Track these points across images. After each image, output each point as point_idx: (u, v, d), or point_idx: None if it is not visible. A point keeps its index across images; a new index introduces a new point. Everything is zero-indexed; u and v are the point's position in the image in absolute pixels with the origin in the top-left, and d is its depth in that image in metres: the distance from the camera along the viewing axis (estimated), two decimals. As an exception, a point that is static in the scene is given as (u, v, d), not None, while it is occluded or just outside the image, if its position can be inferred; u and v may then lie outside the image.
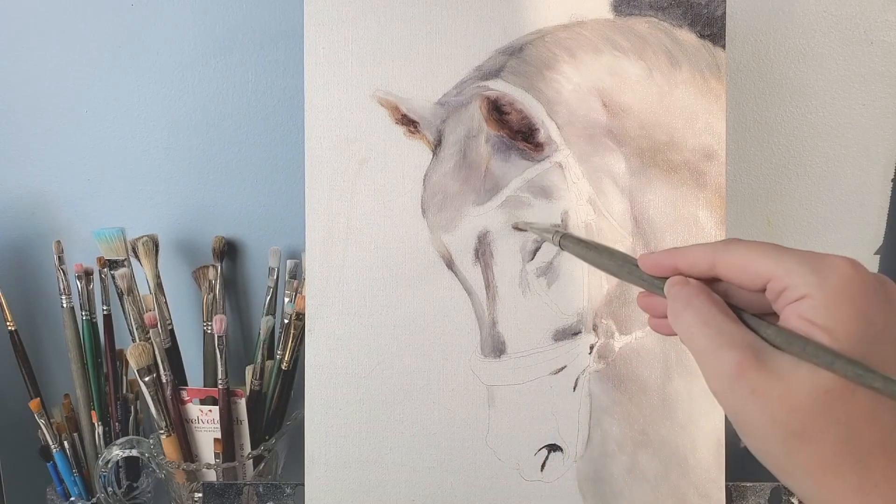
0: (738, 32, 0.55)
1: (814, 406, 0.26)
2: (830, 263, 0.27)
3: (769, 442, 0.27)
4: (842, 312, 0.26)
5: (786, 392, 0.26)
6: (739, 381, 0.27)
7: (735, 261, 0.29)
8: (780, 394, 0.26)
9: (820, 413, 0.26)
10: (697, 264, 0.30)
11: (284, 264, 0.57)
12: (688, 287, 0.30)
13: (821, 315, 0.26)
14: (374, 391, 0.47)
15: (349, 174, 0.46)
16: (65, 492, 0.57)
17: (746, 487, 0.49)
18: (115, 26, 0.57)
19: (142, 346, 0.52)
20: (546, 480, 0.47)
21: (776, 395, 0.26)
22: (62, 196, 0.60)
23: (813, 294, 0.26)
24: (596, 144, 0.46)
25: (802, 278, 0.27)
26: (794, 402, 0.26)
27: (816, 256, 0.28)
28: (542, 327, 0.46)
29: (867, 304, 0.26)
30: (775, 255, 0.28)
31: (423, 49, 0.46)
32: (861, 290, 0.26)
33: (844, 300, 0.26)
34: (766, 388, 0.26)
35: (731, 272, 0.29)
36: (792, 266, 0.27)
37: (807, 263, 0.27)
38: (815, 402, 0.26)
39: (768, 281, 0.28)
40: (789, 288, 0.27)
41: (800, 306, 0.27)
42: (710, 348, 0.28)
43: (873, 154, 0.57)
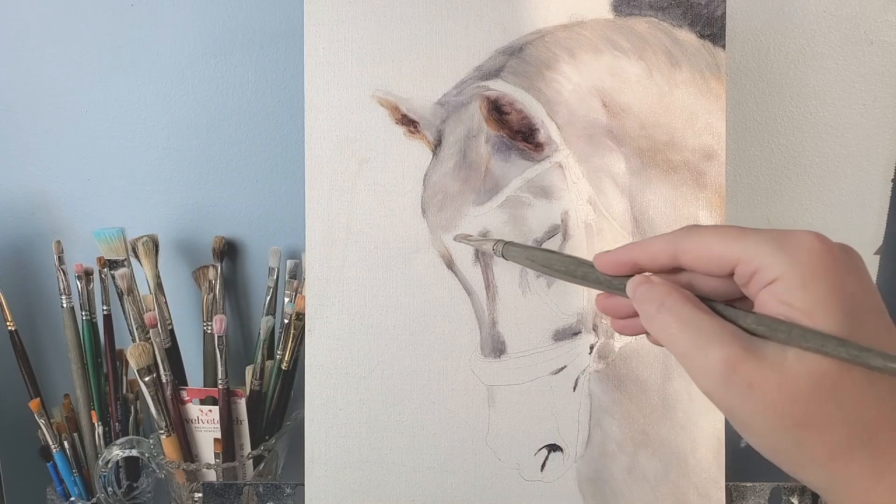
0: (738, 32, 0.55)
1: (815, 392, 0.25)
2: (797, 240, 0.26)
3: (774, 436, 0.26)
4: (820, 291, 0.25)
5: (784, 382, 0.25)
6: (733, 377, 0.26)
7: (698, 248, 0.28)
8: (778, 384, 0.25)
9: (823, 399, 0.25)
10: (658, 257, 0.29)
11: (284, 264, 0.57)
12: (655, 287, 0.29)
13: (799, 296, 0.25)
14: (374, 391, 0.47)
15: (349, 174, 0.46)
16: (65, 492, 0.57)
17: (746, 487, 0.49)
18: (115, 26, 0.57)
19: (142, 346, 0.52)
20: (546, 480, 0.47)
21: (775, 386, 0.25)
22: (62, 196, 0.60)
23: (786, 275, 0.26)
24: (596, 144, 0.46)
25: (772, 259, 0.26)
26: (794, 391, 0.25)
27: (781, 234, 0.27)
28: (542, 327, 0.46)
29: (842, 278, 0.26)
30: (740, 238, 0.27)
31: (423, 49, 0.46)
32: (833, 263, 0.26)
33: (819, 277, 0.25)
34: (763, 381, 0.25)
35: (695, 261, 0.28)
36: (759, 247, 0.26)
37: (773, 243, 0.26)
38: (815, 388, 0.25)
39: (735, 265, 0.27)
40: (760, 270, 0.26)
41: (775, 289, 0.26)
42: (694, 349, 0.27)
43: (873, 154, 0.57)
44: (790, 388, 0.25)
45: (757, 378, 0.25)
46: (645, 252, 0.30)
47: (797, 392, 0.25)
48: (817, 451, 0.25)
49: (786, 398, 0.25)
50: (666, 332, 0.28)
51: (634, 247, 0.30)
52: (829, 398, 0.25)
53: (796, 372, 0.25)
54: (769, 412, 0.25)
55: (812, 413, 0.25)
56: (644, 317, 0.29)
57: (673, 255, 0.29)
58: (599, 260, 0.32)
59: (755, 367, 0.25)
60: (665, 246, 0.29)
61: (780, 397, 0.25)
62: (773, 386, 0.25)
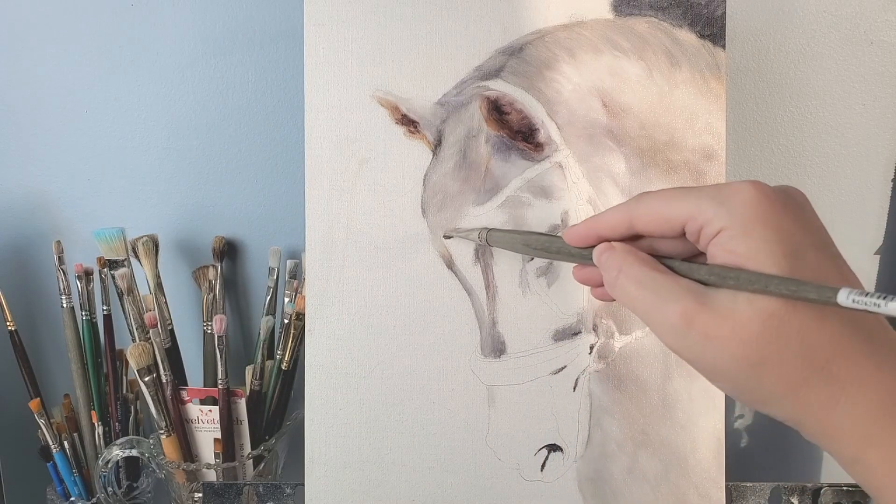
0: (738, 32, 0.55)
1: (764, 332, 0.26)
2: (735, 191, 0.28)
3: (736, 378, 0.27)
4: (759, 235, 0.27)
5: (736, 327, 0.27)
6: (690, 329, 0.27)
7: (649, 213, 0.30)
8: (730, 330, 0.27)
9: (772, 337, 0.26)
10: (616, 227, 0.31)
11: (284, 264, 0.57)
12: (615, 253, 0.31)
13: (741, 243, 0.27)
14: (374, 391, 0.47)
15: (349, 174, 0.46)
16: (65, 492, 0.57)
17: (746, 487, 0.49)
18: (115, 26, 0.57)
19: (142, 346, 0.52)
20: (546, 480, 0.47)
21: (728, 333, 0.27)
22: (62, 196, 0.60)
23: (727, 225, 0.27)
24: (596, 144, 0.46)
25: (714, 212, 0.28)
26: (745, 334, 0.26)
27: (720, 188, 0.28)
28: (542, 327, 0.46)
29: (780, 220, 0.27)
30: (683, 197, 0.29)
31: (423, 49, 0.46)
32: (770, 208, 0.27)
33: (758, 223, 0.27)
34: (717, 329, 0.27)
35: (648, 225, 0.30)
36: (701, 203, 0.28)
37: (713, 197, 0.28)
38: (764, 328, 0.26)
39: (684, 224, 0.29)
40: (705, 225, 0.28)
41: (720, 240, 0.28)
42: (652, 307, 0.29)
43: (873, 154, 0.57)
44: (742, 332, 0.26)
45: (712, 328, 0.27)
46: (604, 223, 0.32)
47: (748, 335, 0.26)
48: (775, 386, 0.27)
49: (739, 342, 0.26)
50: (627, 295, 0.30)
51: (595, 219, 0.32)
52: (778, 336, 0.26)
53: (746, 316, 0.26)
54: (726, 357, 0.27)
55: (764, 352, 0.26)
56: (607, 284, 0.31)
57: (628, 223, 0.31)
58: (568, 235, 0.34)
59: (709, 318, 0.27)
60: (620, 215, 0.31)
61: (733, 342, 0.27)
62: (727, 333, 0.27)
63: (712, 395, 0.47)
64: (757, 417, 0.62)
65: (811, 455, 0.62)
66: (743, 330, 0.26)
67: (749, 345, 0.26)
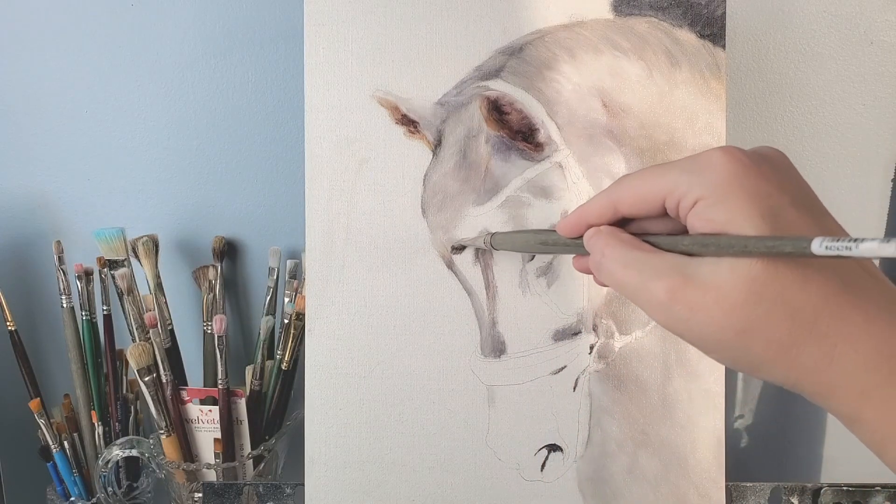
0: (738, 32, 0.55)
1: (748, 298, 0.26)
2: (706, 160, 0.28)
3: (726, 348, 0.27)
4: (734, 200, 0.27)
5: (719, 297, 0.26)
6: (675, 304, 0.27)
7: (629, 195, 0.30)
8: (715, 301, 0.26)
9: (756, 302, 0.26)
10: (603, 213, 0.31)
11: (284, 264, 0.57)
12: (599, 236, 0.31)
13: (718, 211, 0.27)
14: (374, 391, 0.47)
15: (349, 174, 0.46)
16: (65, 492, 0.57)
17: (746, 487, 0.49)
18: (115, 26, 0.57)
19: (142, 346, 0.52)
20: (546, 480, 0.47)
21: (712, 303, 0.26)
22: (62, 196, 0.60)
23: (703, 194, 0.27)
24: (596, 144, 0.46)
25: (688, 184, 0.28)
26: (728, 302, 0.26)
27: (693, 159, 0.28)
28: (541, 327, 0.46)
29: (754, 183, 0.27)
30: (659, 174, 0.29)
31: (423, 49, 0.46)
32: (743, 171, 0.27)
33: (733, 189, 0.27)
34: (701, 301, 0.27)
35: (631, 207, 0.30)
36: (675, 177, 0.28)
37: (686, 169, 0.28)
38: (747, 294, 0.26)
39: (664, 200, 0.29)
40: (683, 198, 0.28)
41: (697, 210, 0.28)
42: (638, 286, 0.29)
43: (873, 154, 0.57)
44: (725, 301, 0.26)
45: (696, 301, 0.27)
46: (591, 211, 0.32)
47: (732, 303, 0.26)
48: (766, 351, 0.27)
49: (723, 311, 0.26)
50: (612, 276, 0.30)
51: (582, 208, 0.33)
52: (762, 300, 0.26)
53: (729, 284, 0.26)
54: (714, 328, 0.27)
55: (750, 318, 0.26)
56: (594, 269, 0.31)
57: (613, 207, 0.31)
58: (560, 226, 0.34)
59: (693, 292, 0.27)
60: (604, 201, 0.31)
61: (718, 312, 0.26)
62: (711, 303, 0.27)
63: (712, 395, 0.47)
64: (757, 417, 0.62)
65: (811, 455, 0.62)
66: (726, 298, 0.26)
67: (733, 312, 0.26)
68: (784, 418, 0.62)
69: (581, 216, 0.33)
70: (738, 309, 0.26)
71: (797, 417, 0.62)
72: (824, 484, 0.49)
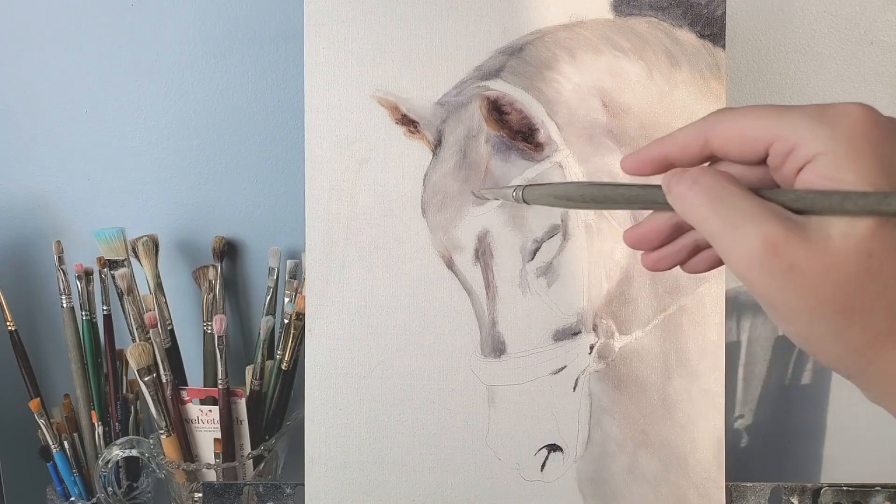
0: (738, 32, 0.55)
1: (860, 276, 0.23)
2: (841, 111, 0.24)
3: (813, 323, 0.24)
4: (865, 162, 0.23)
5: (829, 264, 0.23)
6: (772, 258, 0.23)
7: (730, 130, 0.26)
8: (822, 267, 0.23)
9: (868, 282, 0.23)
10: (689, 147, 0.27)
11: (284, 264, 0.57)
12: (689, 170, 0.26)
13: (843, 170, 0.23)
14: (374, 391, 0.47)
15: (349, 174, 0.46)
16: (65, 492, 0.57)
17: (746, 487, 0.49)
18: (115, 26, 0.57)
19: (142, 346, 0.52)
20: (546, 480, 0.47)
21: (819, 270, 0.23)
22: (62, 196, 0.60)
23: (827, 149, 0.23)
24: (596, 144, 0.46)
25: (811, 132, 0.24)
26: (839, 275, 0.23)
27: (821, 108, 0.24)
28: (541, 327, 0.46)
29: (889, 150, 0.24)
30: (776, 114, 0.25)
31: (423, 49, 0.46)
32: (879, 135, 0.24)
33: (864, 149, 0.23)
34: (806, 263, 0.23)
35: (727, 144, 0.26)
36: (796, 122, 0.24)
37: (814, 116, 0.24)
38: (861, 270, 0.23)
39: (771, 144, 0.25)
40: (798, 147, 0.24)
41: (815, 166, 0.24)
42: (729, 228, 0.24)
43: (873, 154, 0.57)
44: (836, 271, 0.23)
45: (799, 259, 0.23)
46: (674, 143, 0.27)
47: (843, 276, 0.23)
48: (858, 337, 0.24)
49: (829, 282, 0.23)
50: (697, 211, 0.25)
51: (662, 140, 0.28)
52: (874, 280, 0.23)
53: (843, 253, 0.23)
54: (810, 298, 0.23)
55: (856, 297, 0.23)
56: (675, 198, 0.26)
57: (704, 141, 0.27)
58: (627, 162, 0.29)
59: (798, 248, 0.23)
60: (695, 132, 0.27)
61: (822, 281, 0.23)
62: (818, 268, 0.23)
63: (712, 395, 0.47)
64: (757, 417, 0.62)
65: (811, 455, 0.62)
66: (838, 269, 0.23)
67: (841, 286, 0.23)
68: (784, 418, 0.62)
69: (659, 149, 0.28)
70: (847, 284, 0.23)
71: (797, 417, 0.62)
72: (824, 484, 0.49)
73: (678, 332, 0.46)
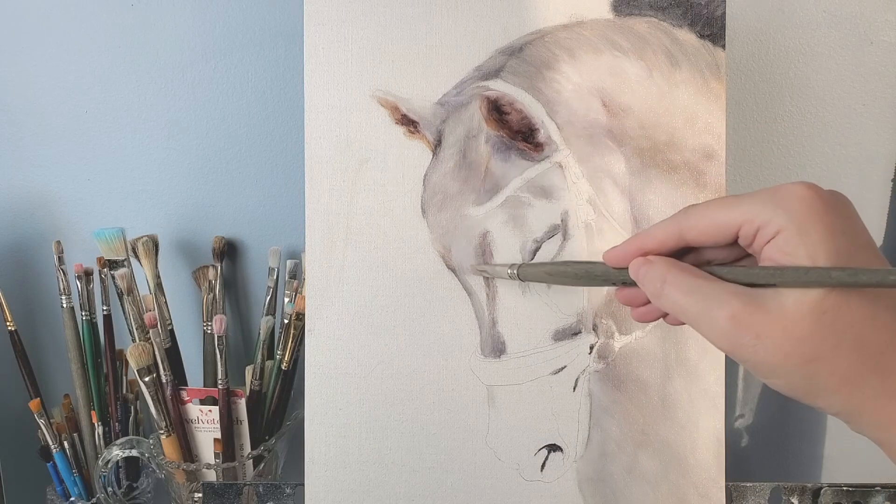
0: (738, 32, 0.55)
1: (817, 328, 0.27)
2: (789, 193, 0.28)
3: (789, 375, 0.28)
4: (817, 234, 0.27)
5: (788, 325, 0.27)
6: (741, 331, 0.28)
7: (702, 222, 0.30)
8: (783, 329, 0.27)
9: (826, 333, 0.27)
10: (666, 241, 0.31)
11: (284, 264, 0.57)
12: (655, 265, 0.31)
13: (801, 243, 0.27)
14: (374, 391, 0.47)
15: (349, 174, 0.46)
16: (65, 492, 0.57)
17: (746, 487, 0.49)
18: (115, 26, 0.57)
19: (142, 346, 0.52)
20: (546, 480, 0.47)
21: (780, 331, 0.27)
22: (62, 196, 0.60)
23: (785, 226, 0.28)
24: (596, 144, 0.46)
25: (771, 214, 0.28)
26: (799, 332, 0.27)
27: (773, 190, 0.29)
28: (541, 327, 0.46)
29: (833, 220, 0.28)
30: (737, 204, 0.29)
31: (423, 49, 0.46)
32: (823, 208, 0.28)
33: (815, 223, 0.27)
34: (769, 329, 0.27)
35: (701, 235, 0.31)
36: (756, 207, 0.28)
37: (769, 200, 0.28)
38: (817, 324, 0.27)
39: (739, 228, 0.29)
40: (762, 227, 0.28)
41: (776, 242, 0.28)
42: (701, 313, 0.29)
43: (873, 154, 0.57)
44: (795, 330, 0.27)
45: (762, 328, 0.27)
46: (652, 239, 0.32)
47: (802, 333, 0.27)
48: (829, 380, 0.27)
49: (792, 339, 0.27)
50: (675, 304, 0.30)
51: (641, 236, 0.32)
52: (832, 331, 0.27)
53: (798, 314, 0.27)
54: (779, 355, 0.27)
55: (818, 348, 0.27)
56: (652, 296, 0.31)
57: (678, 235, 0.31)
58: (609, 256, 0.34)
59: (759, 319, 0.27)
60: (670, 229, 0.31)
61: (786, 340, 0.27)
62: (779, 331, 0.27)
63: (712, 395, 0.47)
64: (757, 417, 0.62)
65: (811, 455, 0.62)
66: (796, 328, 0.27)
67: (803, 342, 0.27)
68: (784, 418, 0.62)
69: (639, 244, 0.32)
70: (808, 339, 0.27)
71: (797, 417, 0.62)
72: (824, 484, 0.49)
73: (678, 332, 0.46)
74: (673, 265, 0.31)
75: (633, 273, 0.32)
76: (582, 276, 0.36)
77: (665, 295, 0.30)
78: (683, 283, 0.30)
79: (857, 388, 0.27)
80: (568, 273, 0.37)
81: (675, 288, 0.30)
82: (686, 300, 0.30)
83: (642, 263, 0.32)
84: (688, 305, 0.30)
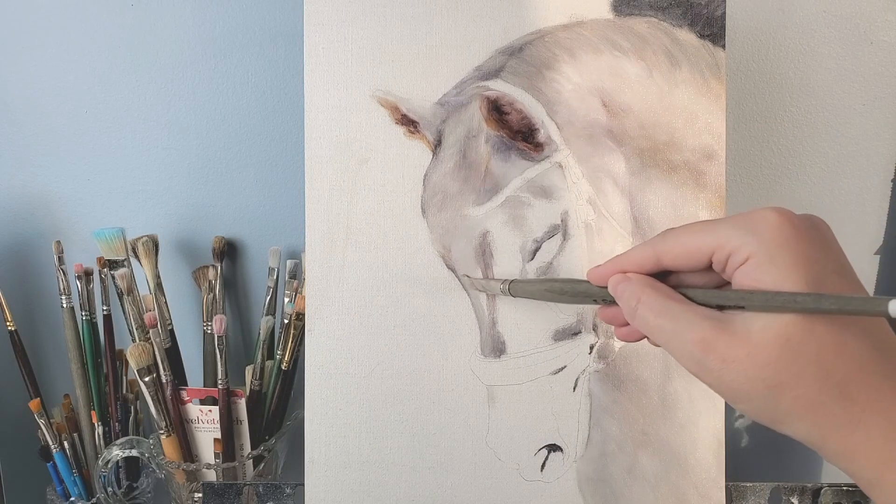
0: (738, 32, 0.55)
1: (782, 355, 0.27)
2: (760, 219, 0.28)
3: (755, 400, 0.28)
4: (785, 261, 0.27)
5: (753, 351, 0.27)
6: (708, 355, 0.28)
7: (676, 247, 0.31)
8: (748, 354, 0.27)
9: (790, 360, 0.27)
10: (643, 264, 0.32)
11: (284, 264, 0.57)
12: (631, 283, 0.32)
13: (766, 271, 0.28)
14: (374, 391, 0.47)
15: (349, 174, 0.46)
16: (65, 492, 0.57)
17: (746, 487, 0.49)
18: (115, 26, 0.57)
19: (142, 346, 0.52)
20: (546, 480, 0.47)
21: (745, 357, 0.27)
22: (62, 196, 0.60)
23: (755, 252, 0.28)
24: (596, 144, 0.46)
25: (741, 241, 0.28)
26: (763, 357, 0.27)
27: (745, 216, 0.29)
28: (541, 327, 0.46)
29: (804, 247, 0.28)
30: (710, 229, 0.30)
31: (423, 49, 0.46)
32: (794, 235, 0.28)
33: (784, 250, 0.28)
34: (734, 354, 0.28)
35: (676, 259, 0.31)
36: (728, 233, 0.29)
37: (740, 226, 0.29)
38: (782, 351, 0.27)
39: (712, 254, 0.29)
40: (733, 253, 0.29)
41: (746, 268, 0.28)
42: (672, 336, 0.30)
43: (873, 154, 0.57)
44: (759, 355, 0.27)
45: (729, 353, 0.28)
46: (630, 261, 0.32)
47: (766, 358, 0.27)
48: (794, 406, 0.27)
49: (756, 365, 0.27)
50: (647, 324, 0.31)
51: (620, 258, 0.33)
52: (796, 358, 0.27)
53: (763, 340, 0.27)
54: (744, 380, 0.28)
55: (782, 374, 0.27)
56: (627, 315, 0.32)
57: (655, 259, 0.31)
58: (591, 275, 0.34)
59: (726, 344, 0.28)
60: (647, 252, 0.32)
61: (751, 365, 0.27)
62: (744, 357, 0.27)
63: (712, 395, 0.47)
64: (757, 417, 0.62)
65: (811, 455, 0.62)
66: (760, 353, 0.27)
67: (767, 367, 0.27)
68: (784, 418, 0.62)
69: (618, 265, 0.33)
70: (772, 364, 0.27)
71: (797, 417, 0.61)
72: (824, 484, 0.49)
73: (678, 332, 0.46)
74: (647, 284, 0.31)
75: (612, 289, 0.33)
76: (567, 292, 0.37)
77: (638, 314, 0.31)
78: (656, 303, 0.30)
79: (822, 417, 0.27)
80: (555, 289, 0.38)
81: (647, 308, 0.30)
82: (658, 321, 0.30)
83: (620, 280, 0.32)
84: (659, 326, 0.30)
